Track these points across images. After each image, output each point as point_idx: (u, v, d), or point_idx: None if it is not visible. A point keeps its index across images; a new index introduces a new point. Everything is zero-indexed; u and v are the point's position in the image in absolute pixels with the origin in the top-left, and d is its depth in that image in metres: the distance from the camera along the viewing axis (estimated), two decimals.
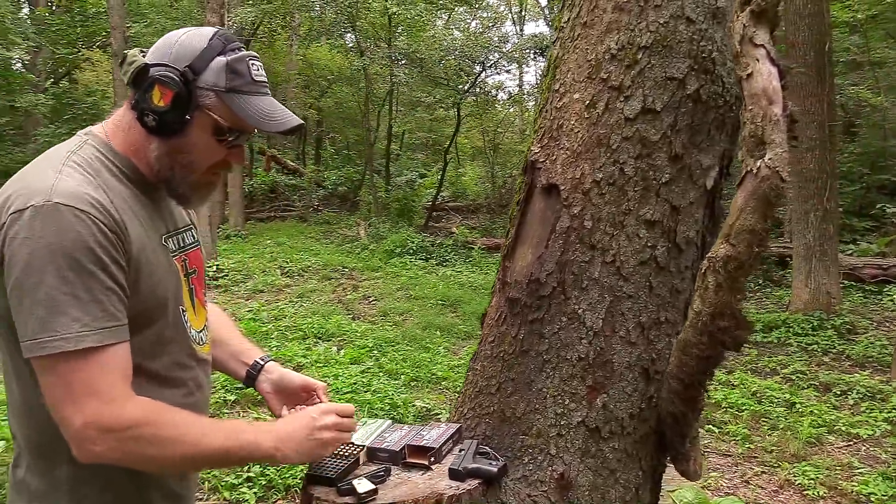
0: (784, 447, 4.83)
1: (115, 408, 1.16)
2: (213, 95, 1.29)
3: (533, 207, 1.89)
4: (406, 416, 5.08)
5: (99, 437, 1.15)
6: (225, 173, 1.46)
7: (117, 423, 1.16)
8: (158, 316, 1.30)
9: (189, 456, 1.24)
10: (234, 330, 1.67)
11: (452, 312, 8.94)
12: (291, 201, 19.61)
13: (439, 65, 16.42)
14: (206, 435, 1.24)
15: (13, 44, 17.80)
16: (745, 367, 6.79)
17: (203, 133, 1.31)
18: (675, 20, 1.76)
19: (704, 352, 1.62)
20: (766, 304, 9.59)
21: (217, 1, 10.24)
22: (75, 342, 1.13)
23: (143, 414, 1.19)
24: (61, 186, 1.18)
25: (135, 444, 1.18)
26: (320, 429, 1.35)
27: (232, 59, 1.31)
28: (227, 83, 1.30)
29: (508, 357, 1.83)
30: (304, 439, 1.33)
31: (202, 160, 1.34)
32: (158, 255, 1.32)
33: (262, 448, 1.29)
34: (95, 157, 1.30)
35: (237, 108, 1.30)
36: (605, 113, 1.79)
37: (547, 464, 1.73)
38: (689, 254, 1.83)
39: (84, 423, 1.14)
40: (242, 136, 1.36)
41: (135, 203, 1.30)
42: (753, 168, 1.51)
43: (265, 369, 1.58)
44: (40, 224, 1.14)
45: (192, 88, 1.28)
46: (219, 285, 9.82)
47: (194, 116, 1.29)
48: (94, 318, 1.15)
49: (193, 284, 1.44)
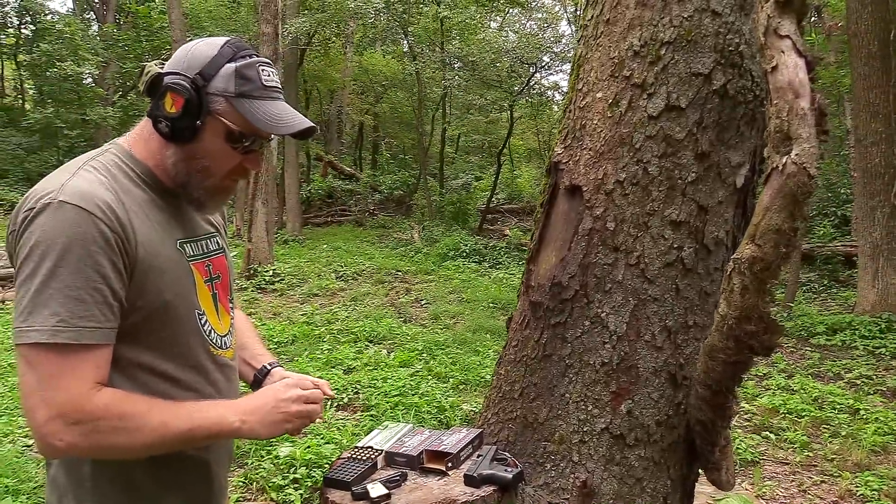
0: (846, 455, 4.62)
1: (80, 402, 1.18)
2: (223, 101, 1.32)
3: (557, 209, 1.86)
4: (453, 419, 5.07)
5: (62, 430, 1.17)
6: (241, 179, 1.48)
7: (81, 416, 1.18)
8: (169, 318, 1.33)
9: (156, 442, 1.25)
10: (253, 336, 1.69)
11: (503, 315, 8.88)
12: (347, 206, 19.90)
13: (492, 67, 16.38)
14: (170, 419, 1.25)
15: (84, 60, 18.67)
16: (807, 371, 6.53)
17: (216, 138, 1.34)
18: (699, 14, 1.71)
19: (731, 357, 1.55)
20: (831, 306, 9.21)
21: (271, 11, 10.47)
22: (49, 335, 1.16)
23: (107, 404, 1.21)
24: (70, 186, 1.22)
25: (100, 435, 1.20)
26: (285, 401, 1.36)
27: (241, 65, 1.33)
28: (237, 88, 1.32)
29: (531, 361, 1.80)
30: (269, 411, 1.34)
31: (217, 166, 1.36)
32: (171, 258, 1.34)
33: (227, 422, 1.30)
34: (114, 163, 1.34)
35: (247, 112, 1.32)
36: (627, 111, 1.74)
37: (569, 471, 1.69)
38: (719, 255, 1.77)
39: (49, 417, 1.17)
40: (256, 142, 1.38)
41: (150, 207, 1.33)
42: (779, 164, 1.45)
43: (271, 374, 1.60)
44: (44, 220, 1.18)
45: (203, 94, 1.31)
46: (275, 289, 10.02)
47: (206, 122, 1.32)
48: (73, 316, 1.17)
49: (217, 290, 1.47)
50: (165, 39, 18.52)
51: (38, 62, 19.39)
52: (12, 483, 3.86)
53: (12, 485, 3.85)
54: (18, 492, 3.81)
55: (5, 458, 4.12)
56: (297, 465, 4.13)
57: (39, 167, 19.45)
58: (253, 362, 1.62)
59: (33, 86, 22.29)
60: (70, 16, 22.56)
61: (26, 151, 19.69)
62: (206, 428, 1.29)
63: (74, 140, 19.70)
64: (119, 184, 1.30)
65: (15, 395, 5.25)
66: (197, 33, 16.73)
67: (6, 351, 6.47)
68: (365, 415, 5.10)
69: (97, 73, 20.23)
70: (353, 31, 20.09)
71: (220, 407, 1.33)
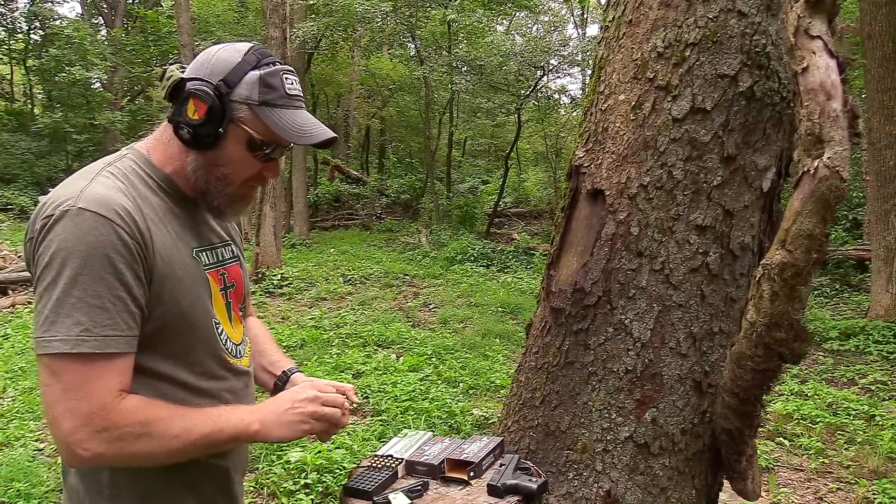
0: (862, 462, 4.55)
1: (105, 411, 1.17)
2: (246, 109, 1.30)
3: (578, 214, 1.83)
4: (463, 424, 5.03)
5: (88, 439, 1.16)
6: (260, 186, 1.46)
7: (107, 425, 1.17)
8: (186, 326, 1.31)
9: (179, 448, 1.24)
10: (270, 343, 1.67)
11: (513, 319, 8.84)
12: (355, 210, 19.91)
13: (499, 70, 16.35)
14: (193, 425, 1.24)
15: (92, 64, 18.77)
16: (820, 376, 6.45)
17: (237, 146, 1.32)
18: (725, 14, 1.68)
19: (760, 365, 1.52)
20: (843, 311, 9.12)
21: (279, 16, 10.48)
22: (73, 345, 1.14)
23: (131, 412, 1.19)
24: (88, 193, 1.20)
25: (125, 443, 1.19)
26: (301, 401, 1.34)
27: (265, 73, 1.31)
28: (261, 97, 1.30)
29: (552, 369, 1.77)
30: (285, 412, 1.32)
31: (237, 173, 1.34)
32: (188, 267, 1.33)
33: (246, 425, 1.29)
34: (132, 169, 1.32)
35: (270, 121, 1.30)
36: (651, 114, 1.71)
37: (593, 480, 1.66)
38: (745, 260, 1.74)
39: (74, 427, 1.15)
40: (277, 150, 1.36)
41: (167, 215, 1.31)
42: (811, 168, 1.42)
43: (291, 380, 1.58)
44: (62, 227, 1.16)
45: (226, 102, 1.29)
46: (283, 293, 10.00)
47: (228, 129, 1.30)
48: (97, 325, 1.16)
49: (231, 299, 1.45)
50: (173, 44, 18.59)
51: (46, 67, 19.51)
52: (24, 487, 3.85)
53: (24, 489, 3.84)
54: (30, 496, 3.79)
55: (17, 462, 4.11)
56: (308, 471, 4.10)
57: (48, 171, 19.56)
58: (272, 369, 1.60)
59: (42, 90, 22.43)
60: (79, 21, 22.66)
61: (35, 156, 19.78)
62: (227, 432, 1.27)
63: (83, 144, 19.79)
64: (137, 191, 1.28)
65: (26, 398, 5.25)
66: (205, 38, 16.76)
67: (17, 355, 6.47)
68: (375, 420, 5.07)
69: (105, 78, 20.32)
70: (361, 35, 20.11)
71: (238, 411, 1.31)
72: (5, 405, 5.21)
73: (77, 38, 18.84)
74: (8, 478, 3.92)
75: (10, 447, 4.47)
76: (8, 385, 5.62)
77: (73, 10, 45.07)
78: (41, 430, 4.78)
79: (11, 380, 5.76)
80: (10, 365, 6.12)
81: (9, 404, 5.23)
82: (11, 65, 23.35)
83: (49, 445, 4.56)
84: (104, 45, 20.87)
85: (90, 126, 19.61)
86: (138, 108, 20.07)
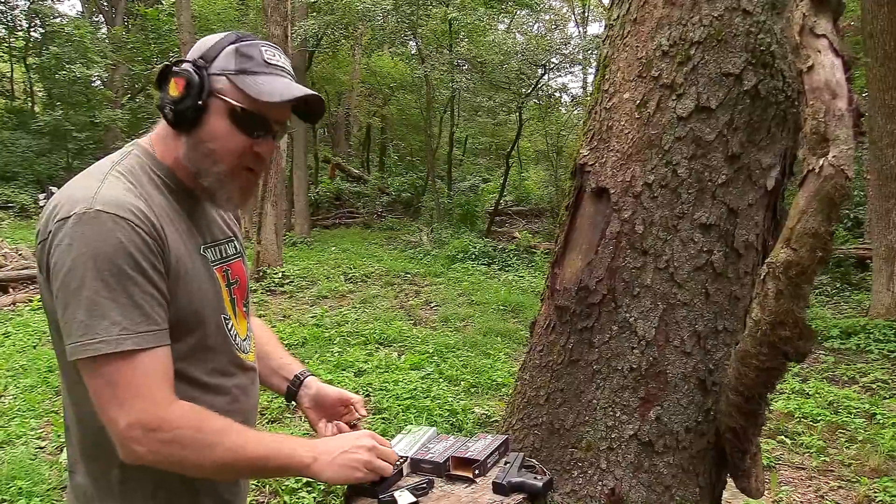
0: (863, 461, 4.56)
1: (159, 409, 1.19)
2: (224, 80, 1.29)
3: (582, 212, 1.83)
4: (465, 422, 5.04)
5: (143, 436, 1.17)
6: (260, 174, 1.42)
7: (161, 423, 1.18)
8: (198, 324, 1.32)
9: (228, 462, 1.24)
10: (277, 345, 1.68)
11: (514, 318, 8.85)
12: (356, 208, 19.92)
13: (501, 69, 16.34)
14: (246, 443, 1.25)
15: (93, 62, 18.76)
16: (821, 375, 6.47)
17: (220, 120, 1.30)
18: (730, 13, 1.68)
19: (765, 363, 1.52)
20: (844, 309, 9.13)
21: (280, 13, 10.47)
22: (115, 345, 1.16)
23: (185, 417, 1.21)
24: (103, 194, 1.21)
25: (176, 447, 1.20)
26: (358, 448, 1.35)
27: (242, 45, 1.31)
28: (237, 66, 1.30)
29: (557, 367, 1.77)
30: (340, 454, 1.33)
31: (224, 148, 1.31)
32: (196, 264, 1.33)
33: (299, 457, 1.30)
34: (138, 167, 1.32)
35: (246, 86, 1.28)
36: (656, 112, 1.71)
37: (597, 478, 1.66)
38: (749, 259, 1.74)
39: (129, 424, 1.17)
40: (263, 123, 1.32)
41: (173, 213, 1.32)
42: (816, 167, 1.42)
43: (304, 384, 1.59)
44: (82, 231, 1.17)
45: (204, 75, 1.29)
46: (284, 291, 10.01)
47: (209, 103, 1.29)
48: (134, 322, 1.17)
49: (235, 294, 1.46)
50: (174, 42, 18.57)
51: (47, 65, 19.49)
52: (26, 485, 3.86)
53: (26, 486, 3.85)
54: (32, 493, 3.80)
55: (19, 460, 4.12)
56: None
57: (49, 169, 19.56)
58: (283, 372, 1.61)
59: (42, 88, 22.40)
60: (79, 19, 22.67)
61: (36, 154, 19.77)
62: (280, 458, 1.28)
63: (83, 142, 19.79)
64: (145, 190, 1.29)
65: (28, 396, 5.26)
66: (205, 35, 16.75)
67: (18, 353, 6.47)
68: (377, 418, 5.07)
69: (106, 76, 20.32)
70: (362, 33, 20.10)
71: (293, 441, 1.32)
72: (6, 403, 5.22)
73: (77, 35, 18.83)
74: (9, 475, 3.93)
75: (11, 445, 4.47)
76: (9, 383, 5.62)
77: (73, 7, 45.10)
78: (42, 428, 4.79)
79: (13, 378, 5.76)
80: (11, 363, 6.13)
81: (10, 402, 5.23)
82: (12, 62, 23.33)
83: (51, 443, 4.57)
84: (105, 43, 20.87)
85: (91, 124, 19.60)
86: (139, 105, 20.05)
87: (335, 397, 1.59)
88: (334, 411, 1.59)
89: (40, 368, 5.86)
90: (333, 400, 1.59)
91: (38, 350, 6.51)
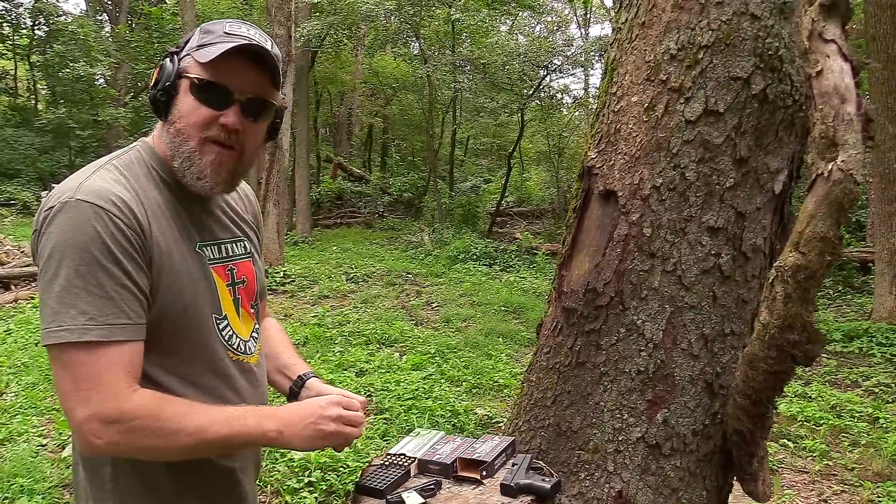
0: (866, 465, 4.56)
1: (117, 401, 1.17)
2: (189, 58, 1.31)
3: (590, 214, 1.84)
4: (467, 423, 5.04)
5: (101, 429, 1.16)
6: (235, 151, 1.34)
7: (119, 415, 1.17)
8: (185, 320, 1.31)
9: (191, 445, 1.23)
10: (285, 344, 1.67)
11: (515, 319, 8.85)
12: (357, 208, 19.93)
13: (503, 70, 16.35)
14: (209, 424, 1.24)
15: (96, 60, 18.78)
16: (824, 378, 6.46)
17: (185, 97, 1.30)
18: (738, 17, 1.68)
19: (773, 367, 1.52)
20: (847, 312, 9.13)
21: (283, 14, 10.49)
22: (79, 334, 1.15)
23: (144, 406, 1.20)
24: (87, 185, 1.21)
25: (137, 436, 1.19)
26: (324, 418, 1.33)
27: (208, 24, 1.34)
28: (199, 42, 1.32)
29: (564, 369, 1.78)
30: (307, 426, 1.31)
31: (189, 124, 1.30)
32: (188, 261, 1.32)
33: (264, 431, 1.28)
34: (137, 162, 1.33)
35: (199, 56, 1.29)
36: (664, 116, 1.72)
37: (604, 481, 1.67)
38: (756, 262, 1.74)
39: (87, 416, 1.16)
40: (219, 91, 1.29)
41: (167, 209, 1.31)
42: (825, 171, 1.42)
43: (306, 386, 1.57)
44: (62, 219, 1.18)
45: (175, 60, 1.32)
46: (286, 291, 10.01)
47: (178, 85, 1.31)
48: (102, 314, 1.16)
49: (240, 294, 1.44)
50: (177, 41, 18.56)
51: (51, 63, 19.51)
52: (28, 483, 3.86)
53: (28, 484, 3.85)
54: (34, 491, 3.80)
55: (21, 458, 4.12)
56: (312, 469, 4.11)
57: (51, 167, 19.57)
58: (287, 372, 1.60)
59: (46, 86, 22.41)
60: (83, 17, 22.68)
61: (39, 151, 19.80)
62: (244, 435, 1.27)
63: (86, 140, 19.80)
64: (139, 183, 1.29)
65: (29, 394, 5.26)
66: None
67: (20, 350, 6.48)
68: (379, 418, 5.07)
69: (109, 74, 20.32)
70: (365, 33, 20.12)
71: (258, 415, 1.30)
72: (8, 401, 5.22)
73: (81, 34, 18.85)
74: (11, 473, 3.93)
75: (13, 442, 4.48)
76: (11, 380, 5.63)
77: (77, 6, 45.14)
78: (44, 426, 4.79)
79: (14, 375, 5.77)
80: (13, 360, 6.14)
81: (12, 400, 5.24)
82: (15, 60, 23.36)
83: (52, 441, 4.57)
84: (108, 42, 20.89)
85: (93, 122, 19.62)
86: (142, 104, 20.03)
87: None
88: None
89: (42, 366, 5.86)
90: None
91: (40, 347, 6.51)
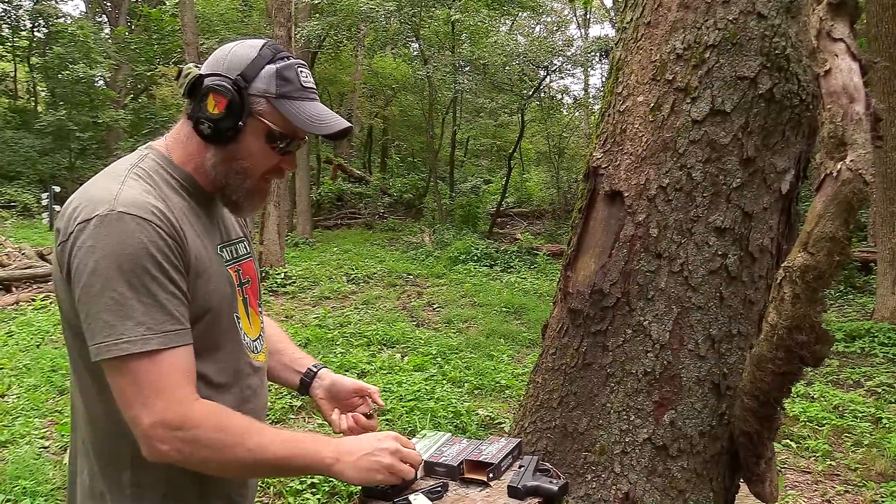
0: (870, 465, 4.55)
1: (181, 407, 1.19)
2: (264, 102, 1.32)
3: (595, 215, 1.83)
4: (469, 424, 5.03)
5: (166, 435, 1.18)
6: (277, 179, 1.47)
7: (182, 422, 1.19)
8: (213, 323, 1.32)
9: (249, 462, 1.25)
10: (288, 341, 1.68)
11: (517, 320, 8.84)
12: (357, 209, 19.91)
13: (503, 70, 16.35)
14: (269, 443, 1.26)
15: (96, 62, 18.79)
16: (826, 378, 6.45)
17: (256, 139, 1.33)
18: (745, 16, 1.67)
19: (781, 367, 1.52)
20: (848, 312, 9.12)
21: (284, 15, 10.48)
22: (141, 344, 1.17)
23: (208, 416, 1.22)
24: (124, 196, 1.22)
25: (198, 446, 1.20)
26: (382, 451, 1.33)
27: (281, 67, 1.33)
28: (278, 89, 1.32)
29: (570, 370, 1.77)
30: (363, 457, 1.32)
31: (256, 166, 1.36)
32: (214, 264, 1.34)
33: (321, 458, 1.29)
34: (155, 170, 1.33)
35: (288, 112, 1.32)
36: (670, 116, 1.71)
37: (611, 482, 1.66)
38: (763, 262, 1.73)
39: (152, 422, 1.18)
40: (294, 143, 1.38)
41: (191, 214, 1.33)
42: (833, 171, 1.41)
43: (318, 376, 1.59)
44: (105, 232, 1.18)
45: (245, 96, 1.31)
46: (286, 292, 10.00)
47: (247, 123, 1.32)
48: (158, 322, 1.18)
49: (247, 294, 1.46)
50: (177, 42, 18.61)
51: (50, 65, 19.54)
52: (30, 485, 3.85)
53: (30, 486, 3.84)
54: (36, 493, 3.80)
55: (23, 460, 4.11)
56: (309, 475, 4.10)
57: (51, 169, 19.58)
58: (295, 366, 1.61)
59: (46, 88, 22.43)
60: (82, 19, 22.68)
61: (39, 153, 19.80)
62: (300, 458, 1.28)
63: (86, 142, 19.82)
64: (162, 191, 1.30)
65: (31, 396, 5.25)
66: (208, 37, 16.76)
67: (21, 352, 6.47)
68: (381, 419, 5.07)
69: (109, 76, 20.34)
70: (365, 34, 20.11)
71: (315, 440, 1.32)
72: (10, 402, 5.21)
73: (81, 36, 18.87)
74: (14, 475, 3.92)
75: (15, 445, 4.47)
76: (13, 382, 5.62)
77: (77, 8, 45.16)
78: (46, 428, 4.78)
79: (16, 377, 5.76)
80: (14, 362, 6.13)
81: (14, 402, 5.23)
82: (15, 62, 23.36)
83: (54, 443, 4.56)
84: (108, 44, 20.90)
85: (93, 124, 19.63)
86: (141, 106, 20.11)
87: (351, 388, 1.58)
88: (349, 402, 1.58)
89: (44, 368, 5.85)
90: (349, 390, 1.58)
91: (42, 349, 6.51)
